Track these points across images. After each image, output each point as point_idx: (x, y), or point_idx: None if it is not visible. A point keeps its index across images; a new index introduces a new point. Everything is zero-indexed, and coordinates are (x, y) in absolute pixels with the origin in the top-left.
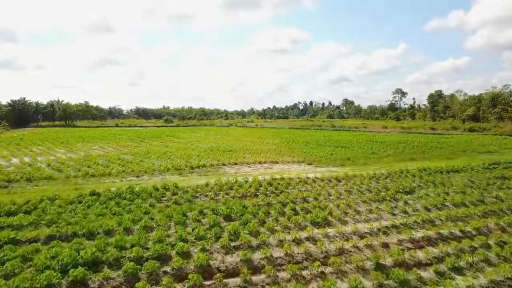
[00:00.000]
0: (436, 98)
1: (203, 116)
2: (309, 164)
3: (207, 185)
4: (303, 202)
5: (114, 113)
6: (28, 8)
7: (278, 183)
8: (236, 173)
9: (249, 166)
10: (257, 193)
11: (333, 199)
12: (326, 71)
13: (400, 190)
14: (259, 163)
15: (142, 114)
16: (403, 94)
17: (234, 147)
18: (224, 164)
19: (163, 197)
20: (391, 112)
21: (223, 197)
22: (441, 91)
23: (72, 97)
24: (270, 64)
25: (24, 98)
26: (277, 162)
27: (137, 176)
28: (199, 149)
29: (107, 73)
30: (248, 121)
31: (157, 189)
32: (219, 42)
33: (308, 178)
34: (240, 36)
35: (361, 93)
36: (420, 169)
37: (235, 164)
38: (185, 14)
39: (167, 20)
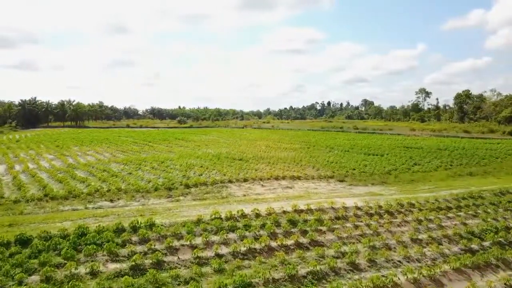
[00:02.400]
0: (463, 99)
1: (218, 116)
2: (340, 181)
3: (198, 222)
4: (352, 271)
5: (129, 113)
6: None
7: (305, 221)
8: (244, 196)
9: (262, 185)
10: (272, 244)
11: (399, 262)
12: (342, 71)
13: (501, 238)
14: (276, 179)
15: (157, 114)
16: (427, 94)
17: (246, 153)
18: (230, 181)
19: (124, 246)
20: (415, 113)
21: (216, 254)
22: (469, 91)
23: (89, 98)
24: (286, 64)
25: (35, 98)
26: (298, 178)
27: (111, 200)
28: (205, 156)
29: (123, 74)
30: (264, 122)
31: (121, 231)
32: (234, 43)
33: (347, 208)
34: (255, 36)
35: (377, 94)
36: (494, 191)
37: (245, 181)
38: (200, 14)
39: (183, 20)
